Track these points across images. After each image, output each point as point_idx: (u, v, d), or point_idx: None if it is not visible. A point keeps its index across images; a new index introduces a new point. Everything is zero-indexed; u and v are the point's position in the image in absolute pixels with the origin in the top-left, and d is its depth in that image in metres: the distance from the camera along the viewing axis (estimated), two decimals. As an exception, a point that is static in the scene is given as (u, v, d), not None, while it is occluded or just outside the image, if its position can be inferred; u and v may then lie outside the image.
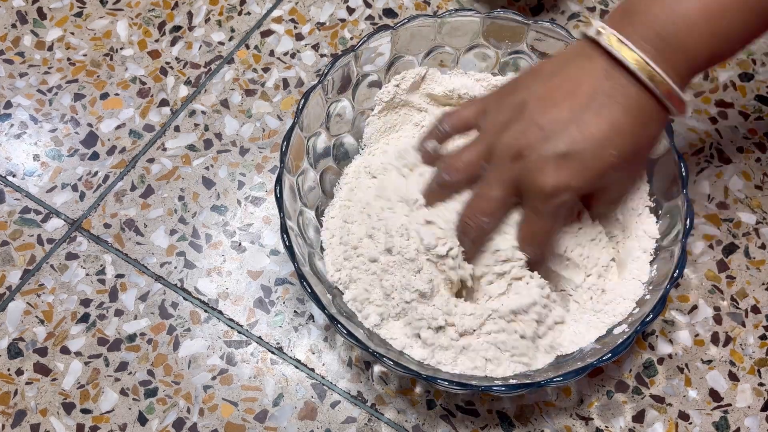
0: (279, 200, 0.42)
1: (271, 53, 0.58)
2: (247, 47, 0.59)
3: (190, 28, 0.60)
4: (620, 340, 0.40)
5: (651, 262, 0.44)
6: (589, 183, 0.38)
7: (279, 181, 0.43)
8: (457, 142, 0.44)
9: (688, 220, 0.42)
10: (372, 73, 0.49)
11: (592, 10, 0.59)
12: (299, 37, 0.59)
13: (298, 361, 0.48)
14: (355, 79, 0.48)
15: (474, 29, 0.49)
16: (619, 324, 0.43)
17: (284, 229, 0.42)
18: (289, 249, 0.41)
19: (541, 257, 0.42)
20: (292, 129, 0.44)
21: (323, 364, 0.47)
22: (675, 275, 0.40)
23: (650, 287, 0.43)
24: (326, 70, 0.46)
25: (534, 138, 0.38)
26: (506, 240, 0.41)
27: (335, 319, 0.40)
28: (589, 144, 0.37)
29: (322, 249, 0.46)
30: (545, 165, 0.37)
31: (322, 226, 0.47)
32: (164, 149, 0.55)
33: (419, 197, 0.43)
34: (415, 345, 0.42)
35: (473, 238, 0.41)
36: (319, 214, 0.47)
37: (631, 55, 0.36)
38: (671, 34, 0.36)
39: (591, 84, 0.37)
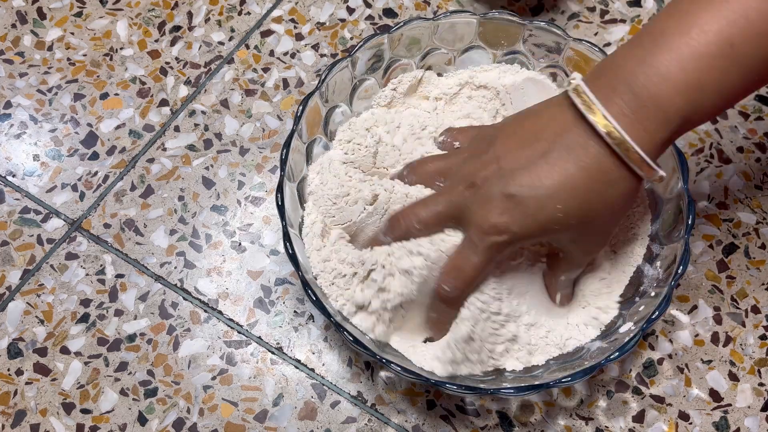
0: (281, 208, 0.42)
1: (271, 53, 0.58)
2: (247, 47, 0.59)
3: (190, 28, 0.60)
4: (626, 339, 0.40)
5: (651, 261, 0.44)
6: (529, 232, 0.37)
7: (280, 189, 0.43)
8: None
9: (690, 216, 0.42)
10: (369, 77, 0.49)
11: (592, 10, 0.59)
12: (299, 37, 0.59)
13: (298, 361, 0.48)
14: (352, 84, 0.48)
15: (470, 30, 0.49)
16: (620, 318, 0.43)
17: (286, 237, 0.42)
18: (293, 257, 0.41)
19: (458, 294, 0.40)
20: (291, 136, 0.44)
21: (323, 364, 0.47)
22: (679, 272, 0.40)
23: (654, 284, 0.43)
24: (323, 76, 0.46)
25: (490, 173, 0.37)
26: None
27: (342, 326, 0.40)
28: (536, 192, 0.36)
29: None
30: (491, 201, 0.37)
31: None
32: (164, 149, 0.55)
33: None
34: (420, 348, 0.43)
35: (396, 235, 0.41)
36: None
37: (599, 118, 0.34)
38: (644, 89, 0.34)
39: (555, 132, 0.36)
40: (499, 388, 0.39)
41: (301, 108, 0.45)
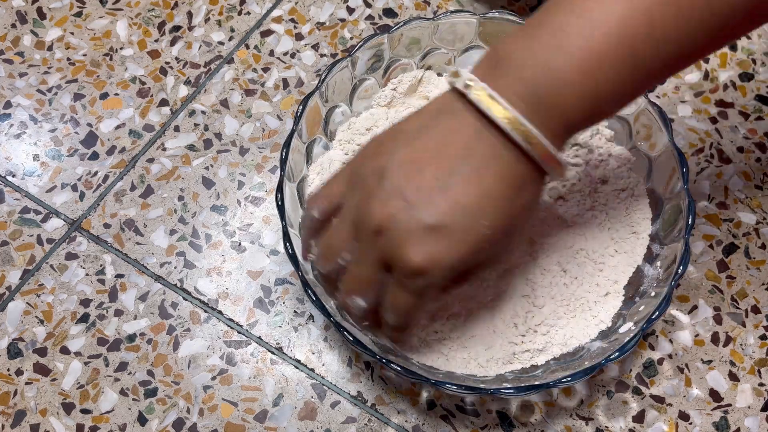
0: (281, 208, 0.42)
1: (271, 53, 0.58)
2: (247, 47, 0.59)
3: (190, 28, 0.60)
4: (627, 339, 0.40)
5: (652, 261, 0.44)
6: (461, 260, 0.33)
7: (280, 189, 0.43)
8: None
9: (690, 215, 0.42)
10: (369, 77, 0.49)
11: (592, 10, 0.59)
12: (299, 36, 0.59)
13: (298, 361, 0.48)
14: (352, 84, 0.48)
15: (470, 30, 0.49)
16: (621, 317, 0.43)
17: (286, 237, 0.42)
18: (293, 257, 0.41)
19: (405, 325, 0.38)
20: (291, 136, 0.44)
21: (323, 364, 0.47)
22: (679, 271, 0.40)
23: (654, 284, 0.43)
24: (323, 76, 0.46)
25: (395, 209, 0.33)
26: None
27: (342, 326, 0.40)
28: (459, 216, 0.32)
29: None
30: (410, 239, 0.33)
31: None
32: (164, 149, 0.55)
33: None
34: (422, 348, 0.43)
35: (357, 319, 0.39)
36: None
37: (503, 113, 0.32)
38: (546, 92, 0.32)
39: (459, 146, 0.33)
40: (499, 388, 0.39)
41: (301, 108, 0.45)
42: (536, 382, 0.39)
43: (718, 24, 0.32)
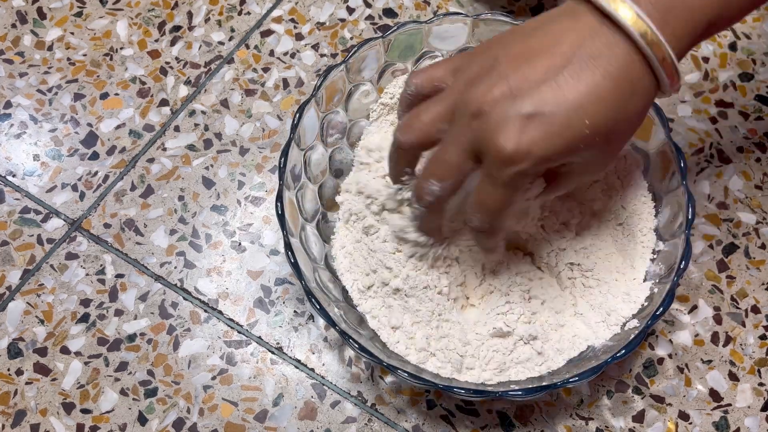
0: (281, 217, 0.42)
1: (271, 53, 0.58)
2: (247, 47, 0.59)
3: (190, 28, 0.60)
4: (632, 336, 0.39)
5: (653, 258, 0.44)
6: (554, 153, 0.33)
7: (279, 198, 0.43)
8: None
9: (690, 210, 0.42)
10: (364, 83, 0.49)
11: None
12: (299, 37, 0.59)
13: (298, 361, 0.48)
14: (348, 89, 0.48)
15: (464, 32, 0.49)
16: (632, 318, 0.43)
17: (288, 247, 0.42)
18: (295, 266, 0.41)
19: (491, 230, 0.37)
20: (288, 145, 0.44)
21: (323, 364, 0.47)
22: (681, 267, 0.40)
23: (656, 281, 0.43)
24: (318, 83, 0.46)
25: (499, 95, 0.33)
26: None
27: (346, 334, 0.40)
28: (561, 107, 0.32)
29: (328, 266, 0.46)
30: (507, 125, 0.32)
31: (323, 239, 0.47)
32: (164, 149, 0.55)
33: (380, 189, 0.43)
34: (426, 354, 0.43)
35: (427, 206, 0.38)
36: (320, 227, 0.47)
37: (625, 10, 0.32)
38: None
39: (573, 42, 0.33)
40: (506, 390, 0.39)
41: (297, 116, 0.45)
42: (543, 383, 0.39)
43: None
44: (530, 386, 0.39)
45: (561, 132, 0.32)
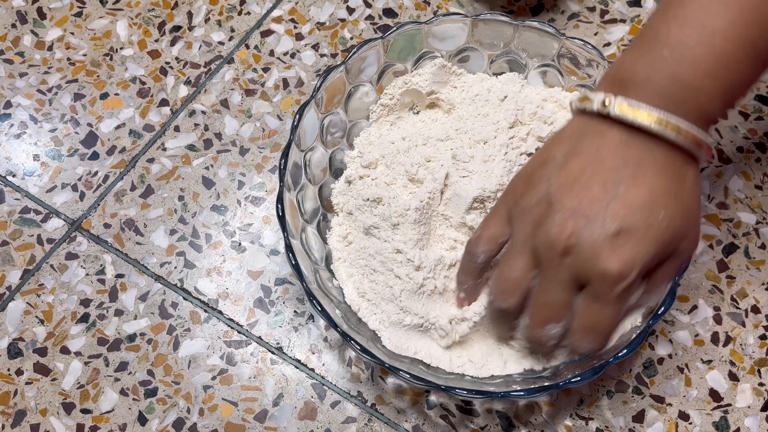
0: (282, 219, 0.42)
1: (271, 53, 0.58)
2: (247, 47, 0.59)
3: (190, 28, 0.60)
4: (634, 335, 0.39)
5: None
6: (652, 255, 0.35)
7: (280, 200, 0.43)
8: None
9: None
10: (364, 83, 0.49)
11: (592, 10, 0.59)
12: (299, 36, 0.59)
13: (298, 361, 0.48)
14: (347, 90, 0.48)
15: (462, 32, 0.49)
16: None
17: (289, 249, 0.41)
18: (296, 268, 0.41)
19: (603, 345, 0.38)
20: (288, 146, 0.44)
21: (323, 364, 0.47)
22: (683, 265, 0.40)
23: None
24: (318, 85, 0.46)
25: (577, 226, 0.35)
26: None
27: (348, 335, 0.40)
28: (637, 216, 0.34)
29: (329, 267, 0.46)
30: (602, 249, 0.34)
31: (324, 240, 0.47)
32: (164, 149, 0.55)
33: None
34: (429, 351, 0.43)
35: (551, 348, 0.39)
36: (321, 228, 0.47)
37: (649, 117, 0.34)
38: (680, 98, 0.34)
39: (614, 158, 0.35)
40: (509, 391, 0.39)
41: (297, 117, 0.45)
42: (545, 383, 0.39)
43: None
44: (532, 386, 0.39)
45: (648, 235, 0.34)
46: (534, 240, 0.36)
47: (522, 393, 0.39)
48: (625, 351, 0.39)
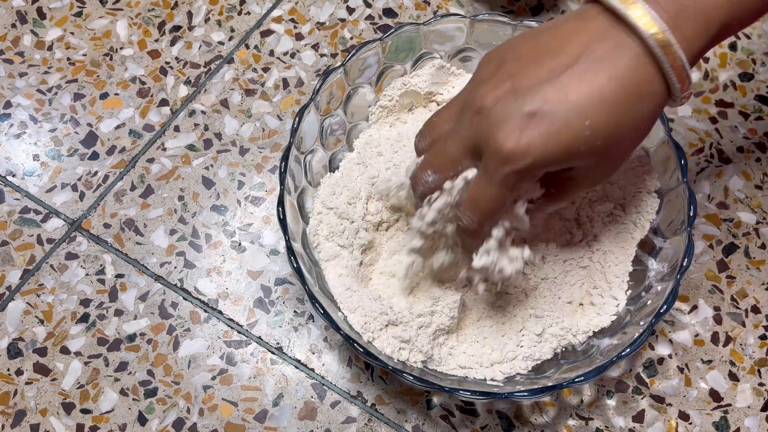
0: (283, 222, 0.42)
1: (271, 53, 0.58)
2: (247, 47, 0.59)
3: (190, 28, 0.60)
4: (636, 334, 0.39)
5: (655, 255, 0.44)
6: (552, 156, 0.32)
7: (281, 203, 0.43)
8: None
9: (692, 208, 0.42)
10: (363, 85, 0.49)
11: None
12: (299, 36, 0.59)
13: (298, 361, 0.48)
14: (347, 92, 0.48)
15: (461, 33, 0.49)
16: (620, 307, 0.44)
17: (290, 251, 0.42)
18: (298, 271, 0.41)
19: (478, 230, 0.36)
20: (288, 149, 0.44)
21: (323, 364, 0.47)
22: (684, 264, 0.40)
23: (658, 279, 0.43)
24: (317, 87, 0.46)
25: (502, 92, 0.33)
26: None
27: (351, 338, 0.40)
28: (562, 107, 0.31)
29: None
30: (507, 123, 0.32)
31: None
32: (164, 149, 0.55)
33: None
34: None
35: (420, 193, 0.38)
36: None
37: (636, 10, 0.31)
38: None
39: (581, 43, 0.32)
40: (512, 391, 0.39)
41: (297, 120, 0.45)
42: (548, 384, 0.39)
43: None
44: (535, 387, 0.39)
45: (560, 132, 0.32)
46: (468, 93, 0.35)
47: (525, 394, 0.39)
48: (628, 350, 0.39)
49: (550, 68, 0.32)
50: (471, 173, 0.36)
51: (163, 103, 0.56)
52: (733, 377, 0.47)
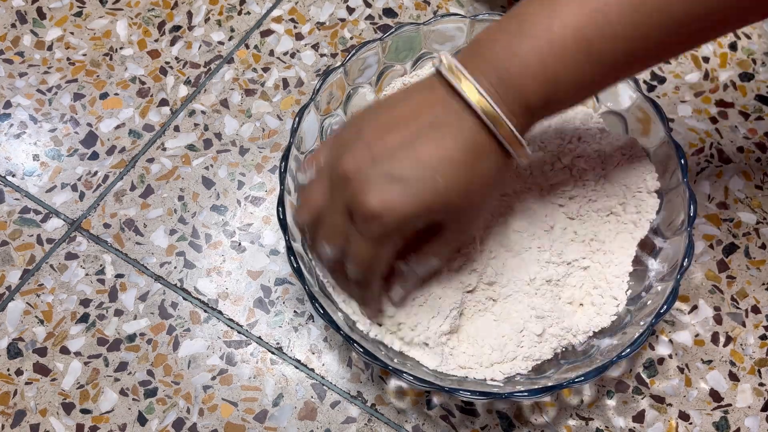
0: (283, 223, 0.42)
1: (271, 53, 0.58)
2: (247, 47, 0.59)
3: (190, 28, 0.59)
4: (636, 334, 0.39)
5: (655, 256, 0.44)
6: (414, 210, 0.36)
7: (281, 203, 0.43)
8: None
9: (692, 207, 0.42)
10: (363, 85, 0.49)
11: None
12: (299, 36, 0.59)
13: (298, 361, 0.48)
14: (347, 92, 0.48)
15: (461, 33, 0.49)
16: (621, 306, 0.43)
17: (291, 252, 0.42)
18: (298, 271, 0.41)
19: (365, 281, 0.40)
20: (288, 149, 0.44)
21: (323, 364, 0.47)
22: (685, 264, 0.40)
23: (658, 279, 0.43)
24: (317, 87, 0.46)
25: (363, 161, 0.36)
26: None
27: (351, 338, 0.40)
28: (416, 168, 0.35)
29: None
30: (370, 186, 0.36)
31: None
32: (164, 149, 0.55)
33: None
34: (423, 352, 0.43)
35: (326, 267, 0.41)
36: None
37: (468, 86, 0.35)
38: (510, 76, 0.35)
39: (430, 115, 0.36)
40: (512, 392, 0.39)
41: (297, 120, 0.45)
42: (549, 384, 0.39)
43: (675, 26, 0.34)
44: (535, 387, 0.39)
45: (419, 190, 0.35)
46: (331, 168, 0.38)
47: (526, 394, 0.39)
48: (629, 350, 0.39)
49: (403, 136, 0.36)
50: None
51: (163, 103, 0.56)
52: (733, 377, 0.47)
